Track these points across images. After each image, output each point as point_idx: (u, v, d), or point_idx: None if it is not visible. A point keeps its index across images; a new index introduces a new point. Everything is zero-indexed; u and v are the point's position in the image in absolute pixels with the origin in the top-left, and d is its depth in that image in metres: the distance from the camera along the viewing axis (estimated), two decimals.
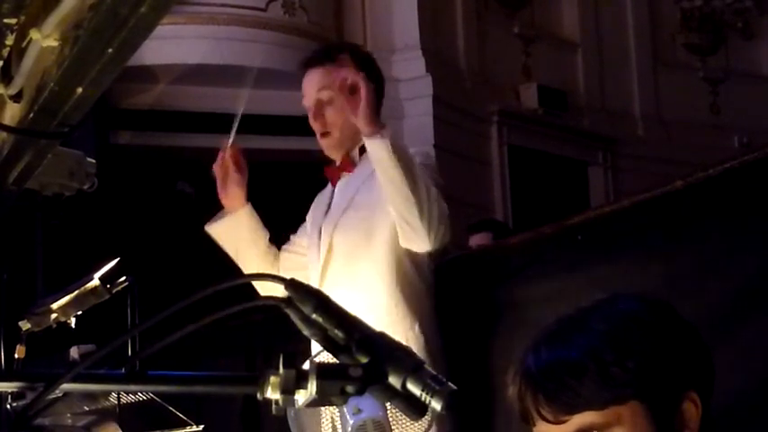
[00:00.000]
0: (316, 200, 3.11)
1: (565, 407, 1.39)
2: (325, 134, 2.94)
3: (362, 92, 2.65)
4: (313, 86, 2.95)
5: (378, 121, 2.69)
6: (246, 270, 3.02)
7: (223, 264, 3.21)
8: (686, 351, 1.44)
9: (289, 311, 1.18)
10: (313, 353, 2.56)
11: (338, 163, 2.97)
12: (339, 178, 2.97)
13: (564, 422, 1.40)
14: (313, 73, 2.96)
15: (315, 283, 2.77)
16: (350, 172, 2.93)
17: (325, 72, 2.93)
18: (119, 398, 2.98)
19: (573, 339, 1.43)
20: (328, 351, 1.19)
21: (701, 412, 1.42)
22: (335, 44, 3.07)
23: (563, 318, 1.49)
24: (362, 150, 2.89)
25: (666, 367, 1.40)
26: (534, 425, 1.44)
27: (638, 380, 1.38)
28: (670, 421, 1.40)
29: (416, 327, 2.77)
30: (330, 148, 2.96)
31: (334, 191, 3.00)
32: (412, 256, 2.82)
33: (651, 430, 1.39)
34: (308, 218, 3.11)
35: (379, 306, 2.76)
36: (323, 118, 2.92)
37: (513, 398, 1.46)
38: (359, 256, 2.83)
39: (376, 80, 2.92)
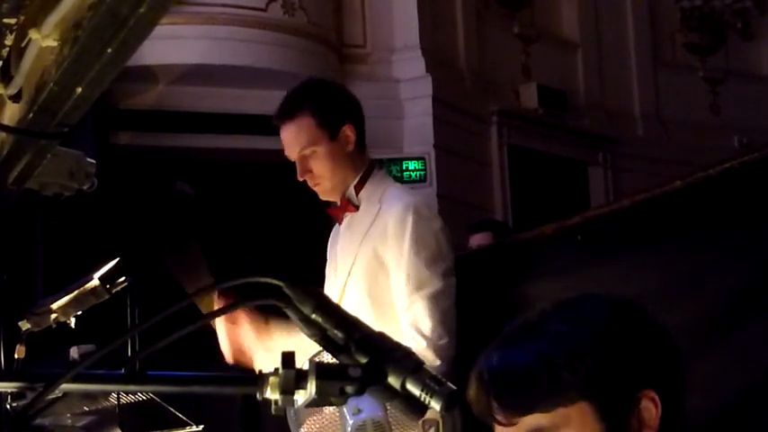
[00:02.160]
0: (330, 240, 3.12)
1: (515, 410, 1.41)
2: (315, 185, 2.97)
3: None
4: (292, 146, 2.94)
5: None
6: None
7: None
8: (644, 351, 1.43)
9: (289, 312, 1.19)
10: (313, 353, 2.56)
11: (339, 204, 2.99)
12: (343, 218, 3.00)
13: (514, 424, 1.42)
14: (287, 130, 2.94)
15: None
16: (352, 212, 2.96)
17: (296, 128, 2.91)
18: (119, 398, 2.97)
19: (526, 343, 1.44)
20: (328, 351, 1.19)
21: (663, 411, 1.40)
22: (297, 95, 2.97)
23: (522, 320, 1.50)
24: (358, 189, 2.94)
25: (618, 367, 1.40)
26: (491, 426, 1.46)
27: (586, 381, 1.39)
28: (624, 421, 1.40)
29: None
30: (324, 194, 3.01)
31: (340, 231, 3.02)
32: None
33: (601, 430, 1.39)
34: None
35: None
36: (310, 173, 2.94)
37: (471, 400, 1.46)
38: (367, 318, 2.86)
39: (349, 117, 2.93)
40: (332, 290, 2.98)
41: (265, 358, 2.94)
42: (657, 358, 1.44)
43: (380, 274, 2.86)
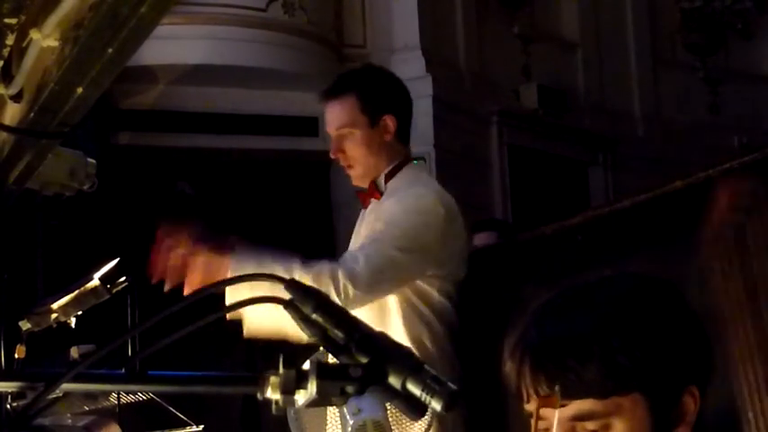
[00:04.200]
0: (356, 224, 3.14)
1: (566, 391, 1.34)
2: (348, 167, 3.00)
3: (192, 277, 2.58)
4: (332, 123, 2.99)
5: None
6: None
7: None
8: (691, 342, 1.41)
9: (289, 311, 1.19)
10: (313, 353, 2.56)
11: (366, 189, 3.02)
12: (369, 204, 3.02)
13: (563, 406, 1.35)
14: (331, 107, 2.99)
15: None
16: (377, 198, 2.97)
17: (340, 106, 2.96)
18: (119, 398, 2.98)
19: (578, 318, 1.38)
20: (328, 351, 1.19)
21: (698, 407, 1.39)
22: (349, 76, 3.09)
23: (566, 292, 1.44)
24: (388, 178, 2.97)
25: (673, 359, 1.37)
26: (528, 402, 1.40)
27: (643, 371, 1.35)
28: (668, 414, 1.37)
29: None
30: (356, 179, 3.04)
31: (364, 216, 3.06)
32: (418, 293, 2.88)
33: (649, 422, 1.36)
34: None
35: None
36: (344, 153, 2.97)
37: (511, 373, 1.41)
38: (374, 306, 2.86)
39: (393, 108, 2.97)
40: None
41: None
42: (701, 352, 1.42)
43: None
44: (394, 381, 1.14)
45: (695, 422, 1.39)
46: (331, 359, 1.21)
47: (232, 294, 2.48)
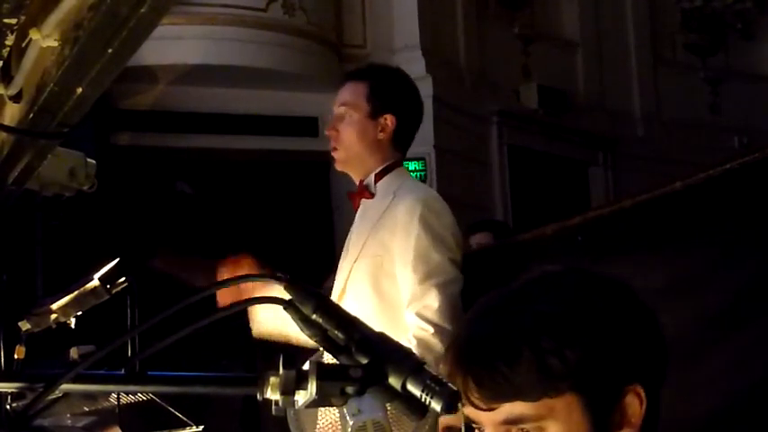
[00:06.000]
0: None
1: (495, 394, 1.30)
2: (333, 149, 3.02)
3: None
4: (338, 99, 3.04)
5: None
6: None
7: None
8: (634, 340, 1.33)
9: (289, 312, 1.18)
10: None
11: (357, 188, 3.04)
12: (359, 204, 3.03)
13: (493, 409, 1.31)
14: (345, 86, 3.05)
15: None
16: (367, 198, 2.99)
17: (351, 88, 3.01)
18: (119, 398, 2.97)
19: (510, 318, 1.32)
20: (328, 351, 1.18)
21: (647, 407, 1.32)
22: (372, 68, 3.20)
23: (505, 290, 1.39)
24: (378, 178, 2.97)
25: (610, 359, 1.30)
26: (462, 406, 1.34)
27: (576, 372, 1.28)
28: (608, 415, 1.31)
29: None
30: (338, 163, 3.05)
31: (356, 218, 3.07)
32: None
33: (586, 424, 1.30)
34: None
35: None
36: (336, 132, 3.00)
37: (446, 376, 1.34)
38: (368, 309, 2.87)
39: (398, 111, 3.00)
40: (340, 275, 3.00)
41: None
42: (647, 350, 1.35)
43: (386, 262, 2.87)
44: (394, 381, 1.14)
45: (644, 424, 1.32)
46: (331, 359, 1.21)
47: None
